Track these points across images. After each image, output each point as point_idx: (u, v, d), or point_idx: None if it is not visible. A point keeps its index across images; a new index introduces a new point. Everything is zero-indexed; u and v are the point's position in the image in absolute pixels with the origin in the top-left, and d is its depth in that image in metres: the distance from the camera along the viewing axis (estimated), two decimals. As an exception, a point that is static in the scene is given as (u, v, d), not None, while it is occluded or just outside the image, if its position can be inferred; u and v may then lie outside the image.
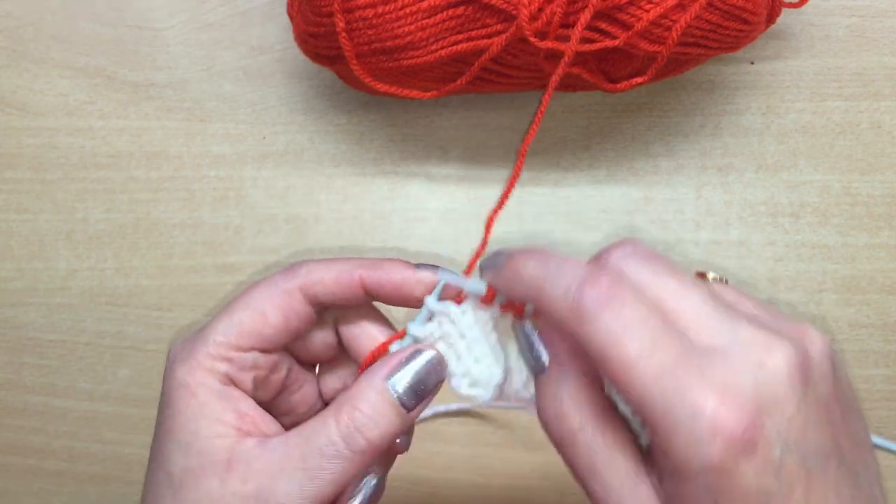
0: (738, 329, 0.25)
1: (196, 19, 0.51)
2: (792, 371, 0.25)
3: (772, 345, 0.25)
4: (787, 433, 0.24)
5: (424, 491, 0.53)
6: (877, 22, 0.50)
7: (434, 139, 0.52)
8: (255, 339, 0.32)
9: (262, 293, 0.32)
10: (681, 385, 0.24)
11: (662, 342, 0.25)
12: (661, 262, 0.28)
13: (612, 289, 0.26)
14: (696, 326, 0.26)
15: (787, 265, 0.51)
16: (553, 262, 0.28)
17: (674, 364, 0.24)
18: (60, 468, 0.54)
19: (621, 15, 0.39)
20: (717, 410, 0.24)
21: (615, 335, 0.25)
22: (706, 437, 0.24)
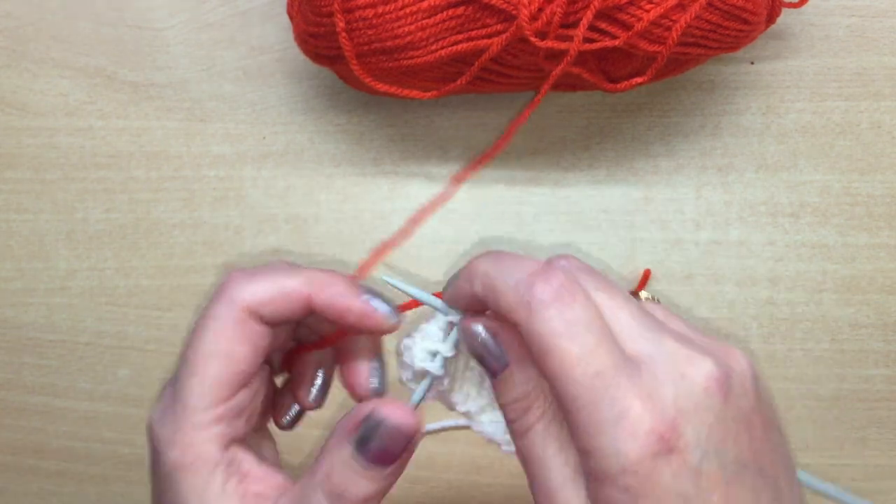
0: (664, 342, 0.27)
1: (196, 19, 0.51)
2: (711, 384, 0.26)
3: (693, 359, 0.26)
4: (707, 441, 0.25)
5: (424, 491, 0.53)
6: (877, 22, 0.50)
7: (434, 139, 0.52)
8: (233, 384, 0.30)
9: (217, 335, 0.30)
10: (612, 390, 0.25)
11: (603, 347, 0.26)
12: (598, 275, 0.29)
13: (562, 287, 0.26)
14: (626, 336, 0.27)
15: (787, 265, 0.51)
16: (507, 259, 0.28)
17: (610, 369, 0.25)
18: (60, 468, 0.54)
19: (621, 15, 0.39)
20: (638, 415, 0.25)
21: (560, 332, 0.26)
22: (627, 438, 0.24)
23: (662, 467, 0.24)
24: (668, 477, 0.24)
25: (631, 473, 0.24)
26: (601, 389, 0.25)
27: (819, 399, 0.52)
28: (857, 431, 0.52)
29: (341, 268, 0.53)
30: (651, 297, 0.30)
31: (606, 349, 0.26)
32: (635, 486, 0.24)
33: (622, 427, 0.25)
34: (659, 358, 0.26)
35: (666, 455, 0.24)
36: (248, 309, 0.30)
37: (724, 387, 0.26)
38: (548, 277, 0.27)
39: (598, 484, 0.25)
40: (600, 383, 0.25)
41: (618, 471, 0.24)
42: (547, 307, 0.26)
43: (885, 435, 0.52)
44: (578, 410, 0.25)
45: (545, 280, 0.26)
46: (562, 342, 0.26)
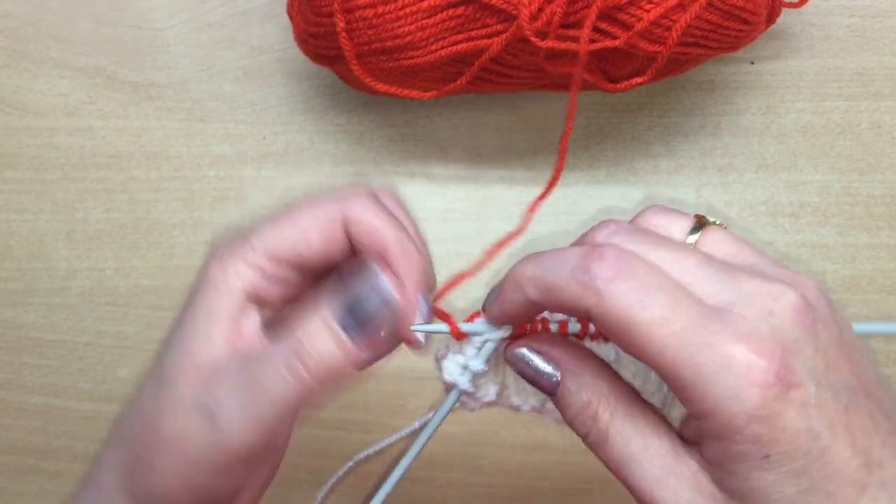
0: (740, 284, 0.26)
1: (196, 19, 0.51)
2: (801, 316, 0.25)
3: (774, 293, 0.25)
4: (815, 371, 0.25)
5: (424, 491, 0.53)
6: (877, 22, 0.50)
7: (434, 139, 0.52)
8: (293, 258, 0.31)
9: (311, 215, 0.31)
10: (708, 341, 0.24)
11: (681, 303, 0.25)
12: (646, 233, 0.28)
13: (618, 259, 0.26)
14: (699, 288, 0.26)
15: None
16: (549, 255, 0.28)
17: (697, 322, 0.24)
18: (60, 468, 0.54)
19: (621, 15, 0.39)
20: (748, 358, 0.24)
21: (634, 303, 0.25)
22: (743, 386, 0.24)
23: (786, 407, 0.24)
24: (793, 415, 0.24)
25: (757, 420, 0.24)
26: (697, 342, 0.24)
27: (819, 399, 0.52)
28: (857, 431, 0.52)
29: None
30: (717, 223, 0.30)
31: (686, 303, 0.25)
32: (764, 433, 0.24)
33: (735, 374, 0.24)
34: (741, 300, 0.25)
35: (786, 394, 0.24)
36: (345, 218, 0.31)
37: (811, 316, 0.25)
38: (602, 255, 0.26)
39: (723, 441, 0.24)
40: (693, 336, 0.24)
41: (744, 421, 0.24)
42: (612, 283, 0.25)
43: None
44: (681, 373, 0.24)
45: (599, 258, 0.26)
46: (640, 312, 0.25)
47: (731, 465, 0.25)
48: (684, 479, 0.26)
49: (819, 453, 0.24)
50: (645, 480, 0.26)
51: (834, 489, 0.24)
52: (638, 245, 0.27)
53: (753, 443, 0.24)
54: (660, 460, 0.26)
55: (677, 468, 0.26)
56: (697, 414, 0.25)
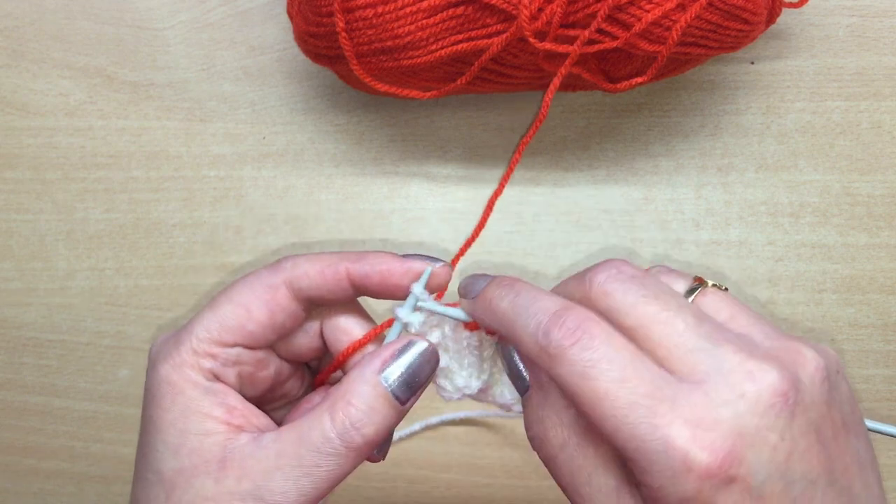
0: (721, 356, 0.25)
1: (196, 19, 0.51)
2: (776, 400, 0.24)
3: (755, 372, 0.25)
4: (770, 463, 0.24)
5: (424, 491, 0.53)
6: (877, 22, 0.50)
7: (434, 139, 0.52)
8: (238, 334, 0.31)
9: (246, 288, 0.31)
10: (652, 420, 0.24)
11: (633, 375, 0.25)
12: (645, 284, 0.27)
13: (579, 326, 0.26)
14: (676, 355, 0.25)
15: (787, 265, 0.51)
16: (523, 297, 0.28)
17: (644, 396, 0.24)
18: (60, 468, 0.54)
19: (621, 15, 0.39)
20: (689, 445, 0.23)
21: (583, 372, 0.25)
22: (680, 471, 0.23)
23: (723, 498, 0.23)
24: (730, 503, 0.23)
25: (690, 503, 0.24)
26: (639, 421, 0.24)
27: (819, 399, 0.52)
28: (857, 431, 0.52)
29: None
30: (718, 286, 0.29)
31: (638, 378, 0.25)
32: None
33: (673, 458, 0.24)
34: (714, 376, 0.25)
35: (726, 485, 0.23)
36: (288, 279, 0.31)
37: (790, 400, 0.24)
38: (563, 321, 0.26)
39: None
40: (634, 414, 0.24)
41: (677, 501, 0.24)
42: (565, 351, 0.25)
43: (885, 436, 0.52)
44: (623, 444, 0.24)
45: (560, 324, 0.26)
46: (587, 382, 0.25)
47: None
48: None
49: None
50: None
51: None
52: (632, 296, 0.27)
53: None
54: (602, 497, 0.27)
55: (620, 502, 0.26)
56: (637, 478, 0.25)
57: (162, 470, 0.29)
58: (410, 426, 0.52)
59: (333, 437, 0.29)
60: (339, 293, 0.32)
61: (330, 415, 0.29)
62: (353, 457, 0.30)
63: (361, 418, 0.29)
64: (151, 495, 0.30)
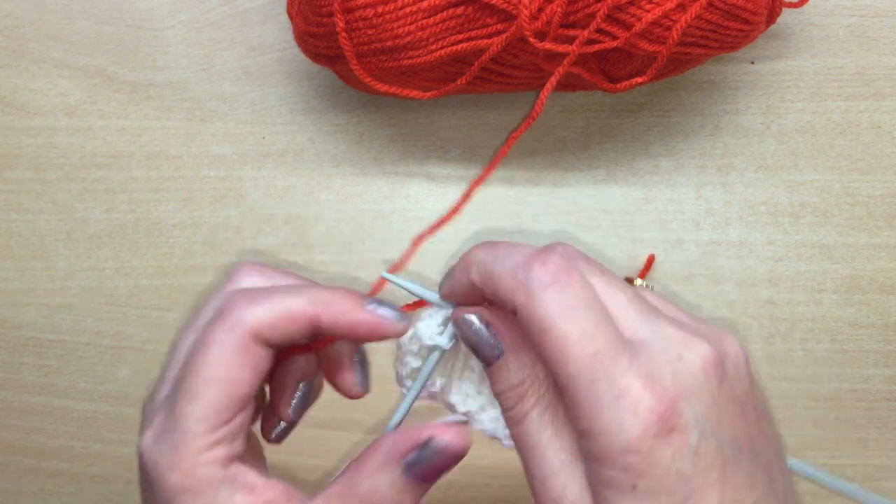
0: (660, 326, 0.27)
1: (196, 19, 0.51)
2: (708, 366, 0.26)
3: (689, 341, 0.26)
4: (705, 422, 0.25)
5: (424, 491, 0.53)
6: (877, 22, 0.50)
7: (434, 139, 0.52)
8: (234, 408, 0.29)
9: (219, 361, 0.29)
10: (611, 369, 0.25)
11: (601, 328, 0.26)
12: (593, 261, 0.29)
13: (560, 269, 0.27)
14: (622, 320, 0.27)
15: (787, 265, 0.51)
16: (502, 246, 0.29)
17: (609, 350, 0.26)
18: (60, 468, 0.54)
19: (621, 15, 0.39)
20: (639, 394, 0.25)
21: (559, 312, 0.26)
22: (627, 418, 0.25)
23: (663, 446, 0.25)
24: (668, 456, 0.25)
25: (632, 452, 0.25)
26: (600, 369, 0.25)
27: (819, 399, 0.52)
28: (857, 432, 0.52)
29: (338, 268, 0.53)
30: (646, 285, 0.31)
31: (604, 330, 0.26)
32: (636, 466, 0.25)
33: (623, 406, 0.25)
34: (655, 341, 0.26)
35: (666, 434, 0.25)
36: (252, 333, 0.29)
37: (720, 370, 0.26)
38: (545, 260, 0.27)
39: (598, 465, 0.25)
40: (599, 363, 0.25)
41: (619, 450, 0.25)
42: (545, 288, 0.26)
43: (885, 435, 0.52)
44: (578, 390, 0.25)
45: (542, 262, 0.27)
46: (560, 322, 0.26)
47: (602, 489, 0.25)
48: (577, 479, 0.27)
49: (685, 495, 0.25)
50: (541, 468, 0.27)
51: None
52: (582, 265, 0.28)
53: (624, 471, 0.25)
54: (563, 455, 0.27)
55: (575, 468, 0.27)
56: (581, 432, 0.26)
57: None
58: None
59: None
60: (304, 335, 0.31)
61: None
62: None
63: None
64: None
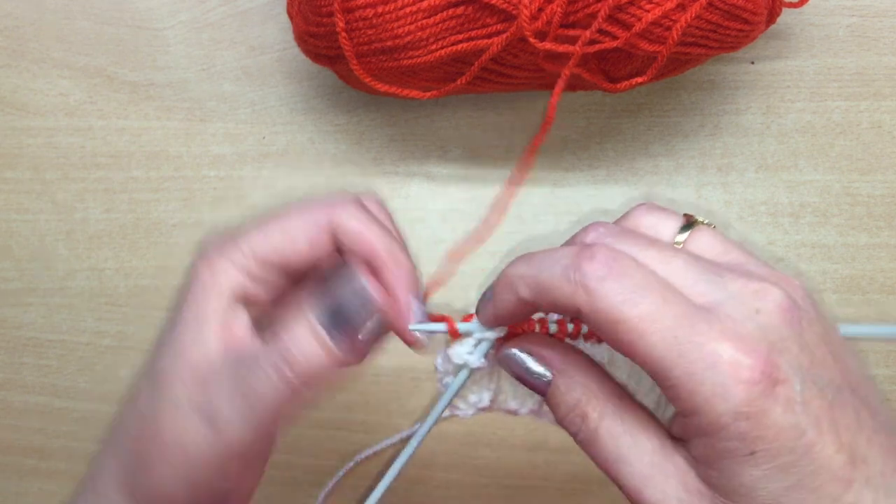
0: (726, 283, 0.26)
1: (196, 19, 0.51)
2: (786, 313, 0.26)
3: (761, 292, 0.26)
4: (800, 369, 0.25)
5: (424, 491, 0.53)
6: (877, 22, 0.50)
7: (434, 139, 0.52)
8: (280, 261, 0.31)
9: (299, 221, 0.32)
10: (695, 339, 0.25)
11: (670, 301, 0.25)
12: (635, 235, 0.28)
13: (609, 258, 0.26)
14: (688, 287, 0.26)
15: (787, 265, 0.51)
16: (539, 256, 0.28)
17: (685, 320, 0.25)
18: (60, 468, 0.54)
19: (621, 15, 0.39)
20: (734, 356, 0.24)
21: (624, 301, 0.25)
22: (730, 383, 0.24)
23: (772, 404, 0.24)
24: (779, 412, 0.24)
25: (743, 417, 0.24)
26: (684, 340, 0.25)
27: (819, 399, 0.52)
28: (857, 431, 0.52)
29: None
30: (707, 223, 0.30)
31: (674, 301, 0.25)
32: (750, 430, 0.24)
33: (721, 372, 0.24)
34: (728, 300, 0.26)
35: (771, 390, 0.24)
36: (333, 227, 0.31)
37: (797, 314, 0.26)
38: (592, 254, 0.26)
39: (710, 438, 0.25)
40: (681, 334, 0.25)
41: (730, 419, 0.24)
42: (602, 282, 0.26)
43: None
44: (669, 370, 0.25)
45: (590, 258, 0.26)
46: (629, 309, 0.25)
47: (718, 461, 0.25)
48: (672, 477, 0.26)
49: (804, 450, 0.24)
50: (634, 478, 0.27)
51: (819, 485, 0.24)
52: (627, 247, 0.27)
53: (739, 439, 0.24)
54: (648, 458, 0.27)
55: (665, 466, 0.26)
56: (685, 411, 0.25)
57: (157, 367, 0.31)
58: (412, 428, 0.52)
59: (270, 370, 0.29)
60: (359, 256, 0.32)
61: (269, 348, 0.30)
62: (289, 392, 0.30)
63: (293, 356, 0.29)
64: (141, 385, 0.31)
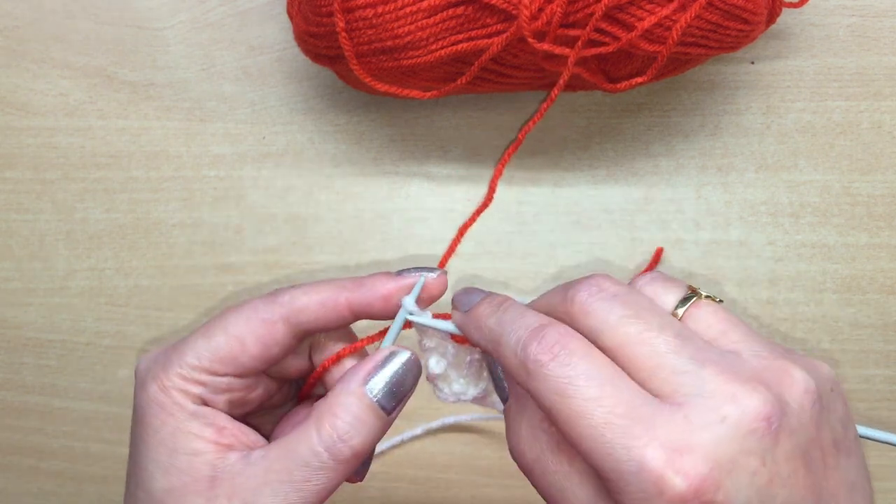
0: (703, 378, 0.24)
1: (196, 19, 0.51)
2: (759, 425, 0.24)
3: (738, 395, 0.24)
4: (749, 488, 0.23)
5: (424, 491, 0.53)
6: (877, 22, 0.50)
7: (434, 139, 0.52)
8: (230, 365, 0.31)
9: (242, 319, 0.31)
10: (625, 441, 0.23)
11: (611, 393, 0.24)
12: (627, 302, 0.27)
13: (558, 342, 0.25)
14: (657, 377, 0.25)
15: (787, 265, 0.51)
16: (509, 314, 0.28)
17: (620, 417, 0.24)
18: (60, 468, 0.54)
19: (621, 15, 0.39)
20: (664, 468, 0.23)
21: (559, 388, 0.25)
22: (653, 494, 0.23)
23: None
24: None
25: None
26: (614, 440, 0.24)
27: (819, 399, 0.52)
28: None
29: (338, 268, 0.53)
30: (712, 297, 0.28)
31: (615, 397, 0.24)
32: None
33: (646, 481, 0.23)
34: (695, 399, 0.24)
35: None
36: (286, 315, 0.31)
37: (775, 425, 0.24)
38: (542, 336, 0.26)
39: None
40: (610, 433, 0.24)
41: None
42: (542, 367, 0.25)
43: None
44: (599, 464, 0.24)
45: (539, 340, 0.26)
46: (563, 399, 0.25)
47: None
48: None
49: None
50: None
51: None
52: (615, 314, 0.26)
53: None
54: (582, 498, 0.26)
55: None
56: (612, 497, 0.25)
57: (153, 489, 0.29)
58: (413, 429, 0.52)
59: (321, 450, 0.29)
60: (338, 323, 0.32)
61: (317, 428, 0.29)
62: (342, 469, 0.30)
63: (348, 430, 0.29)
64: None
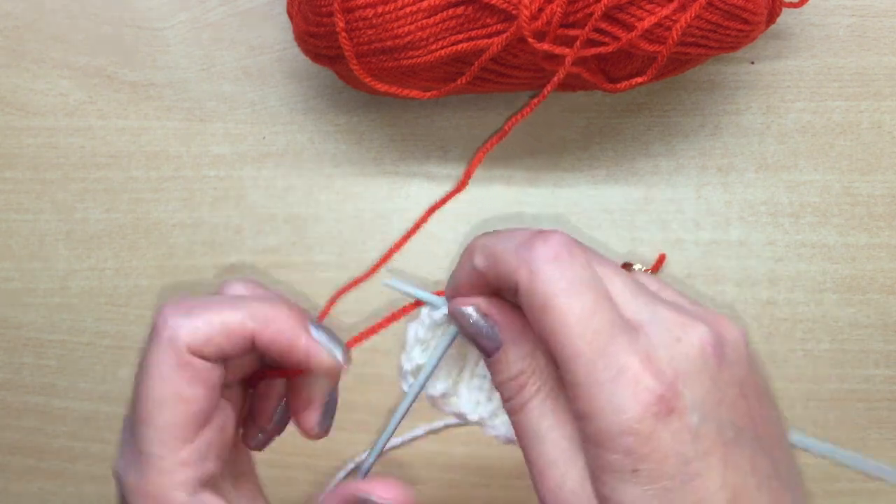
0: (657, 309, 0.27)
1: (196, 19, 0.51)
2: (707, 349, 0.26)
3: (687, 324, 0.26)
4: (704, 404, 0.25)
5: (424, 491, 0.53)
6: (877, 22, 0.50)
7: (434, 139, 0.52)
8: (192, 426, 0.29)
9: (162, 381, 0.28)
10: (611, 347, 0.25)
11: (602, 306, 0.26)
12: (588, 248, 0.29)
13: (562, 246, 0.27)
14: (620, 302, 0.27)
15: (787, 265, 0.51)
16: (504, 231, 0.29)
17: (609, 327, 0.25)
18: (60, 468, 0.54)
19: (621, 15, 0.39)
20: (638, 374, 0.25)
21: (561, 289, 0.26)
22: (627, 398, 0.24)
23: (662, 428, 0.24)
24: (668, 438, 0.24)
25: (631, 434, 0.24)
26: (600, 347, 0.25)
27: (819, 399, 0.51)
28: (857, 432, 0.52)
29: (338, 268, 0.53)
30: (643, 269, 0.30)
31: (606, 308, 0.26)
32: (636, 448, 0.24)
33: (622, 385, 0.24)
34: (653, 323, 0.26)
35: (666, 415, 0.24)
36: (190, 349, 0.28)
37: (719, 352, 0.26)
38: (546, 238, 0.27)
39: (598, 448, 0.25)
40: (600, 340, 0.25)
41: (618, 431, 0.24)
42: (547, 264, 0.26)
43: (886, 435, 0.52)
44: (578, 368, 0.25)
45: (544, 240, 0.27)
46: (563, 299, 0.26)
47: (602, 474, 0.25)
48: (576, 470, 0.26)
49: (686, 478, 0.24)
50: (541, 458, 0.27)
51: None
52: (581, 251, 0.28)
53: (625, 454, 0.24)
54: (563, 444, 0.27)
55: (574, 458, 0.27)
56: (579, 414, 0.26)
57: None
58: (413, 430, 0.52)
59: None
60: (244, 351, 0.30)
61: None
62: None
63: None
64: None
